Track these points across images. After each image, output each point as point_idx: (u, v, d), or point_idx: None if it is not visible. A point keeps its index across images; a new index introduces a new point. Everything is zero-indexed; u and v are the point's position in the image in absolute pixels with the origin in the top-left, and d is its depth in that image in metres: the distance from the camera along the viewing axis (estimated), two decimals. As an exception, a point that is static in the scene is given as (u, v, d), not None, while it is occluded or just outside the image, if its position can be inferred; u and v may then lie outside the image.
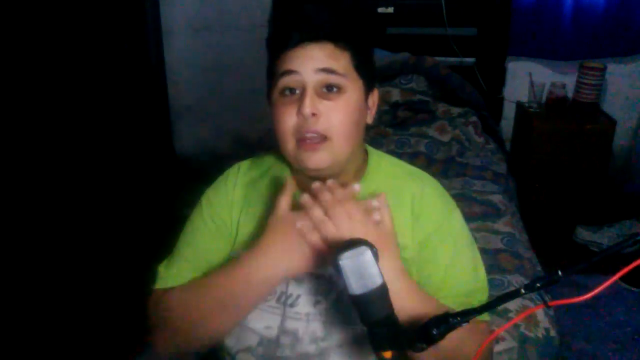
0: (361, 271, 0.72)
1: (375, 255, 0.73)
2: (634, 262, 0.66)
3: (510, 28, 2.91)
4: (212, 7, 3.12)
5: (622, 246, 0.69)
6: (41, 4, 2.27)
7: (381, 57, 2.84)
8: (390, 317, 0.73)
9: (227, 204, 1.02)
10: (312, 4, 0.92)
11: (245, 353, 0.96)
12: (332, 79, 0.90)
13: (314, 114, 0.88)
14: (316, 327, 0.94)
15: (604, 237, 2.64)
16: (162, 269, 1.04)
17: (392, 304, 0.73)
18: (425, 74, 2.72)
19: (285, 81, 0.90)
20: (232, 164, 1.09)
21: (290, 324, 0.94)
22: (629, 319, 2.18)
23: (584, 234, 2.68)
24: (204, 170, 1.25)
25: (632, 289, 2.32)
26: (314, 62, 0.89)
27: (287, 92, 0.91)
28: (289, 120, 0.90)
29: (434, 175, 1.06)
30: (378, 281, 0.72)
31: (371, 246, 0.73)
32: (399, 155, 2.39)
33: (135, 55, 2.92)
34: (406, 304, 0.85)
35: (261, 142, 0.92)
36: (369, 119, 0.99)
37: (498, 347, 1.41)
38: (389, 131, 2.57)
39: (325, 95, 0.90)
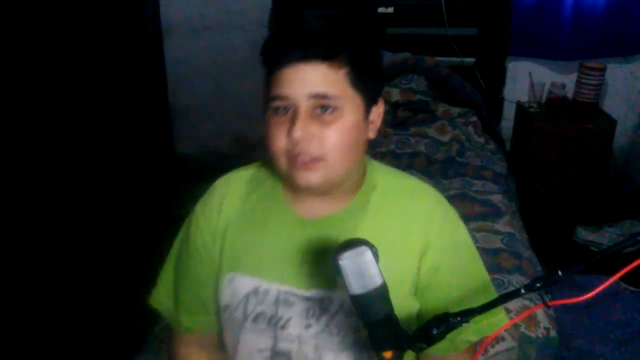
0: (361, 271, 0.72)
1: (375, 255, 0.73)
2: (634, 262, 0.66)
3: (510, 28, 2.91)
4: (212, 7, 3.12)
5: (622, 246, 0.69)
6: (42, 4, 2.27)
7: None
8: (390, 317, 0.73)
9: (210, 230, 1.01)
10: (302, 22, 0.88)
11: None
12: (326, 102, 0.86)
13: (305, 137, 0.85)
14: (308, 349, 0.94)
15: (604, 237, 2.64)
16: (167, 302, 1.06)
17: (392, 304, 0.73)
18: (425, 74, 2.72)
19: (277, 104, 0.88)
20: (229, 166, 1.08)
21: (283, 346, 0.95)
22: (629, 319, 2.17)
23: (584, 234, 2.68)
24: (204, 170, 1.25)
25: (632, 289, 2.32)
26: (306, 87, 0.85)
27: (280, 111, 0.88)
28: (280, 141, 0.87)
29: (433, 175, 1.04)
30: (378, 281, 0.72)
31: (371, 246, 0.73)
32: (399, 155, 2.44)
33: (135, 55, 2.92)
34: None
35: (261, 142, 0.90)
36: (371, 134, 0.94)
37: (498, 347, 1.41)
38: (389, 131, 2.56)
39: (319, 117, 0.86)
